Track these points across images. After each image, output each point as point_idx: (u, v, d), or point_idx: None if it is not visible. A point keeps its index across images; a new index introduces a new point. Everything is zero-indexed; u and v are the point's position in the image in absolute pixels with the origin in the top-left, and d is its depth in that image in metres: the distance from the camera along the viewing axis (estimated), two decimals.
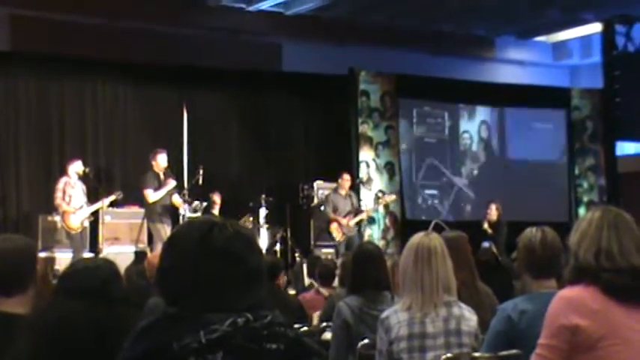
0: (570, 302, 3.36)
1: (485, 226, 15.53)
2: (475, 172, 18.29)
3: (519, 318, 4.26)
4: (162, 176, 13.35)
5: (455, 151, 18.11)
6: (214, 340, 2.11)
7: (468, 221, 16.50)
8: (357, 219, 14.98)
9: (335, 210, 14.77)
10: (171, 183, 13.38)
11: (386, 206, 16.32)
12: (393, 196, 16.11)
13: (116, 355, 2.22)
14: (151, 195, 13.17)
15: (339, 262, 9.53)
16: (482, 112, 18.47)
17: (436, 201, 17.61)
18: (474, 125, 18.33)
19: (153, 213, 13.27)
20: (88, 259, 7.49)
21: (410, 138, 17.55)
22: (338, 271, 8.37)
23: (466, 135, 18.25)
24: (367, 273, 5.57)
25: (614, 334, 3.30)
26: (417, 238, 4.70)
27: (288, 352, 2.18)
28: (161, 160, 13.40)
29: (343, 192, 14.92)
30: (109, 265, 3.36)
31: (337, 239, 14.69)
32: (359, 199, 15.50)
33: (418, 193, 17.55)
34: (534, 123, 18.90)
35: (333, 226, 14.75)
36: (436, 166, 17.82)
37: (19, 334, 2.97)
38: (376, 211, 16.14)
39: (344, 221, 14.68)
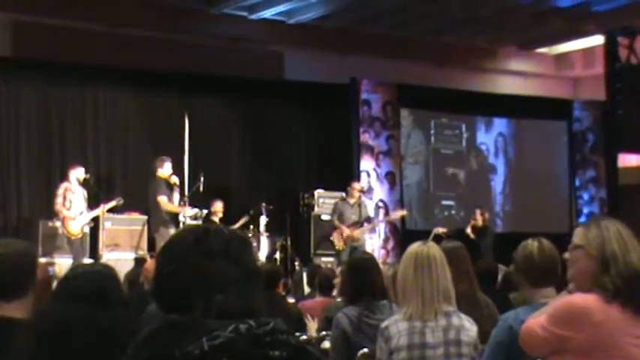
0: (574, 313, 3.36)
1: (469, 230, 15.48)
2: (479, 183, 18.31)
3: (520, 328, 4.24)
4: (170, 183, 13.40)
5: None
6: (217, 347, 2.10)
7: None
8: (359, 231, 14.81)
9: (340, 219, 14.67)
10: (177, 195, 13.50)
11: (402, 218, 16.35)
12: (404, 212, 16.09)
13: (115, 358, 2.21)
14: (166, 202, 13.21)
15: (338, 271, 9.49)
16: (498, 125, 18.61)
17: (453, 211, 17.60)
18: (490, 137, 18.46)
19: (161, 219, 13.27)
20: (87, 264, 7.48)
21: (427, 149, 17.61)
22: (337, 280, 8.33)
23: (483, 147, 18.40)
24: (363, 282, 5.55)
25: (612, 348, 3.29)
26: (415, 247, 4.69)
27: (291, 359, 2.17)
28: (167, 168, 13.44)
29: (352, 201, 14.73)
30: (108, 271, 3.36)
31: (338, 248, 14.62)
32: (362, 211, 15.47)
33: (435, 204, 17.54)
34: (535, 134, 18.91)
35: (335, 235, 14.66)
36: (453, 176, 17.88)
37: (18, 338, 2.97)
38: (378, 225, 16.07)
39: (347, 231, 14.57)
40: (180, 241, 2.32)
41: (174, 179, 13.43)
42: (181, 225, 13.33)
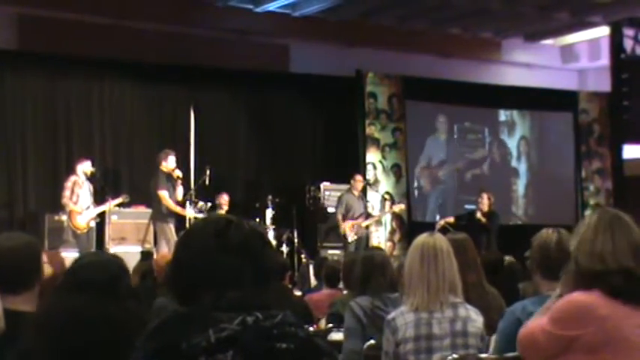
0: (578, 310, 3.35)
1: (479, 215, 15.33)
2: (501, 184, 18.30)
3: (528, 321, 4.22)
4: (173, 177, 13.40)
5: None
6: (224, 339, 2.09)
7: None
8: (369, 222, 15.02)
9: (348, 210, 14.78)
10: (180, 189, 13.50)
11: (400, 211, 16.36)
12: (402, 206, 16.09)
13: (126, 349, 2.21)
14: (167, 198, 13.22)
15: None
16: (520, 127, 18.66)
17: (477, 214, 17.54)
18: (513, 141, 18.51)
19: (160, 213, 13.31)
20: (92, 253, 7.48)
21: (453, 155, 17.67)
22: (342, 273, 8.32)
23: (509, 153, 18.45)
24: (372, 276, 5.57)
25: (620, 340, 3.29)
26: (422, 238, 4.69)
27: (298, 351, 2.16)
28: (171, 162, 13.45)
29: (356, 193, 14.96)
30: (117, 261, 3.35)
31: (350, 240, 14.71)
32: (366, 202, 15.54)
33: (461, 208, 17.50)
34: (541, 126, 18.89)
35: (347, 226, 14.71)
36: (476, 178, 17.86)
37: (27, 331, 2.97)
38: (384, 216, 16.15)
39: (357, 222, 14.71)
40: (200, 231, 2.31)
41: (178, 173, 13.43)
42: (187, 220, 13.35)
